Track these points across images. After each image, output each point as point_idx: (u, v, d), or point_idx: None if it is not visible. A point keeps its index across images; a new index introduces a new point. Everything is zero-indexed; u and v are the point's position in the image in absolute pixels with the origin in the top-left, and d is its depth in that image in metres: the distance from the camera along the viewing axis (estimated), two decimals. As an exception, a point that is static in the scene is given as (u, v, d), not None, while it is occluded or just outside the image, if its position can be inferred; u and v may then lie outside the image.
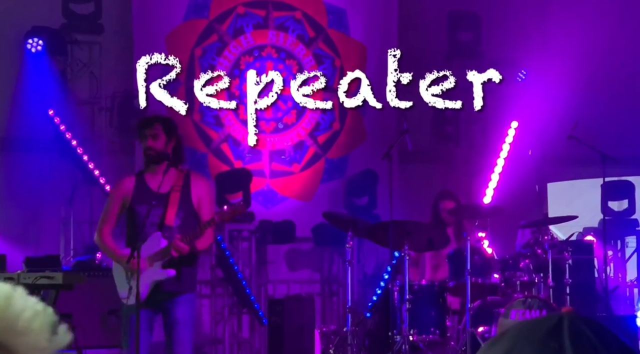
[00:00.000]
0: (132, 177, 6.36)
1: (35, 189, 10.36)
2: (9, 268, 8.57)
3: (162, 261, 6.11)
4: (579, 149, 9.80)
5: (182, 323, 6.15)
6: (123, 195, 6.28)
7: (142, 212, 6.13)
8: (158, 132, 6.23)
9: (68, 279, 6.46)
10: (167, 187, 6.19)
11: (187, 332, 6.19)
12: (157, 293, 6.12)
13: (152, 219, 6.11)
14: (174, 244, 6.05)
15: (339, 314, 11.00)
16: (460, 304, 8.25)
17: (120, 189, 6.35)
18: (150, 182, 6.23)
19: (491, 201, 10.74)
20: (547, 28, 11.22)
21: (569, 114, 10.36)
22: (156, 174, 6.23)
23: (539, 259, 8.37)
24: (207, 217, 6.24)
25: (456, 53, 11.36)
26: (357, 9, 11.29)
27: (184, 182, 6.25)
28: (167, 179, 6.19)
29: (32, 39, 10.33)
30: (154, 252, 6.10)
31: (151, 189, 6.19)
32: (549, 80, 11.13)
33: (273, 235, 10.67)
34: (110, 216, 6.32)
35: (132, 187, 6.26)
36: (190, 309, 6.25)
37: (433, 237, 8.15)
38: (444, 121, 11.46)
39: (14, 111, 10.46)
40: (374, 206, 10.91)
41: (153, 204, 6.06)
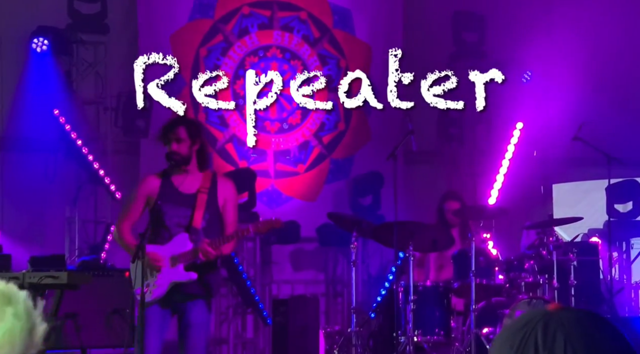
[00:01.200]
0: (157, 178, 6.30)
1: (40, 189, 10.37)
2: (14, 268, 8.58)
3: (184, 263, 6.10)
4: (584, 150, 9.80)
5: (197, 326, 6.12)
6: (147, 193, 6.24)
7: (169, 211, 6.12)
8: (182, 136, 6.19)
9: (73, 278, 6.46)
10: (194, 189, 6.19)
11: (202, 336, 6.15)
12: (176, 293, 6.10)
13: (178, 220, 6.12)
14: (203, 249, 6.04)
15: (343, 314, 11.00)
16: (464, 305, 8.24)
17: (144, 187, 6.29)
18: (177, 183, 6.22)
19: (496, 202, 10.73)
20: (552, 29, 11.21)
21: (574, 115, 10.35)
22: (182, 175, 6.23)
23: (543, 261, 8.36)
24: (231, 219, 6.26)
25: (461, 54, 11.35)
26: (362, 10, 11.29)
27: (211, 184, 6.24)
28: (194, 180, 6.20)
29: (37, 38, 10.34)
30: (178, 253, 6.09)
31: (178, 190, 6.19)
32: (554, 81, 11.12)
33: (278, 235, 10.67)
34: (133, 212, 6.28)
35: (158, 187, 6.22)
36: (207, 313, 6.22)
37: (438, 238, 8.15)
38: (449, 121, 11.45)
39: (19, 111, 10.48)
40: (379, 206, 10.91)
41: (180, 205, 6.08)
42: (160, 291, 6.04)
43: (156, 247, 6.12)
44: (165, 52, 9.76)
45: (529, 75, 11.23)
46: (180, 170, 6.24)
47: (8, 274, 6.40)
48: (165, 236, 6.11)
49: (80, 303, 7.92)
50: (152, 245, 6.11)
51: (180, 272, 6.09)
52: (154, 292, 6.06)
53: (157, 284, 6.05)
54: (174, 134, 6.19)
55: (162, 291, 6.05)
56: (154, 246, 6.11)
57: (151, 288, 6.01)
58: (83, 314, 8.08)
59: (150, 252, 6.03)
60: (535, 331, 1.69)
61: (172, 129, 6.23)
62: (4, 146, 10.51)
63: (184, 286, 6.09)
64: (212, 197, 6.21)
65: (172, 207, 6.13)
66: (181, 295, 6.10)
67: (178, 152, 6.17)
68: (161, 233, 6.13)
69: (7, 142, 10.54)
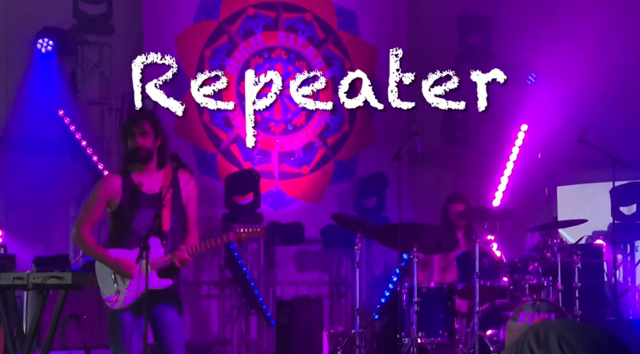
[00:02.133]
0: (117, 177, 5.97)
1: (45, 189, 10.38)
2: (19, 268, 8.59)
3: (157, 269, 5.82)
4: (589, 152, 9.78)
5: (173, 327, 5.90)
6: (109, 195, 5.91)
7: (134, 214, 5.84)
8: (147, 129, 5.89)
9: (77, 279, 6.44)
10: (157, 188, 5.90)
11: (179, 335, 5.95)
12: (148, 299, 5.71)
13: (144, 223, 5.80)
14: (181, 257, 5.81)
15: (347, 315, 10.99)
16: (468, 307, 8.24)
17: (106, 188, 5.95)
18: (138, 182, 5.92)
19: (500, 204, 10.73)
20: (557, 31, 11.21)
21: (579, 117, 10.34)
22: (143, 173, 5.93)
23: (548, 263, 8.35)
24: (194, 216, 5.99)
25: (466, 55, 11.35)
26: (367, 11, 11.29)
27: (173, 182, 5.93)
28: (155, 179, 5.92)
29: (42, 39, 10.36)
30: (152, 259, 5.72)
31: (141, 191, 5.89)
32: (559, 83, 11.11)
33: (282, 236, 10.67)
34: (94, 215, 5.96)
35: (120, 188, 5.90)
36: (178, 311, 5.97)
37: (442, 239, 8.15)
38: (454, 123, 11.45)
39: (23, 111, 10.49)
40: (383, 208, 10.91)
41: (144, 206, 5.81)
42: (131, 298, 5.76)
43: (124, 251, 5.82)
44: (170, 53, 9.76)
45: (533, 77, 11.23)
46: (139, 168, 5.93)
47: (12, 275, 6.40)
48: (133, 240, 5.78)
49: (84, 303, 7.93)
50: (119, 249, 5.84)
51: (154, 278, 5.81)
52: (125, 299, 5.79)
53: (128, 291, 5.77)
54: (139, 127, 5.88)
55: (133, 297, 5.76)
56: (121, 250, 5.83)
57: (122, 295, 5.76)
58: (87, 314, 8.09)
59: (119, 258, 5.79)
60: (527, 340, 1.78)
61: (137, 123, 5.91)
62: (8, 146, 10.52)
63: (156, 292, 5.83)
64: (176, 196, 5.92)
65: (137, 209, 5.83)
66: (153, 300, 5.79)
67: (144, 147, 5.86)
68: (128, 237, 5.84)
69: (12, 142, 10.55)
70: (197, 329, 10.68)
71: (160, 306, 5.88)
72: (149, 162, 5.91)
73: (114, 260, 5.83)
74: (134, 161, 5.92)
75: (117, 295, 5.80)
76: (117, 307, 5.80)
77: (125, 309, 5.81)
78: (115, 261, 5.81)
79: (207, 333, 10.75)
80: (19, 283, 6.22)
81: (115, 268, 5.82)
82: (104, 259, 5.87)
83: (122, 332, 5.79)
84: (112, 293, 5.83)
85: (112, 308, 5.83)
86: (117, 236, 5.92)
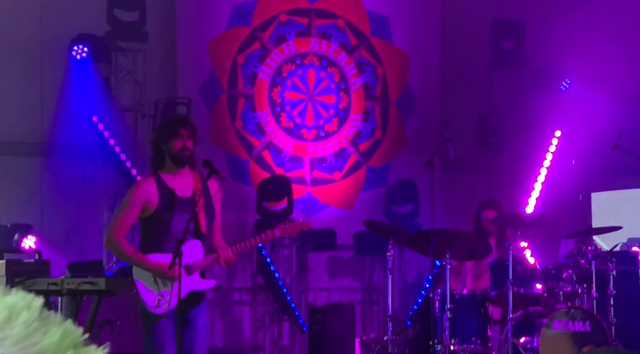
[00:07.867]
0: (151, 181, 6.01)
1: (79, 195, 10.44)
2: (53, 273, 8.64)
3: (199, 270, 5.91)
4: (623, 158, 9.69)
5: (203, 331, 5.96)
6: (145, 200, 5.95)
7: (173, 218, 5.90)
8: (192, 132, 5.99)
9: (111, 285, 6.47)
10: (189, 191, 5.95)
11: (206, 341, 6.03)
12: (190, 302, 5.88)
13: (182, 226, 5.80)
14: (226, 256, 5.88)
15: (379, 322, 10.97)
16: (501, 314, 8.19)
17: (141, 193, 5.99)
18: (172, 186, 5.96)
19: (534, 210, 10.66)
20: (591, 36, 11.12)
21: (613, 123, 10.26)
22: (175, 176, 5.98)
23: (582, 270, 8.28)
24: (219, 218, 6.05)
25: (500, 62, 11.31)
26: (399, 17, 11.27)
27: (203, 185, 5.99)
28: (187, 182, 5.97)
29: (77, 46, 10.43)
30: (193, 261, 5.86)
31: (177, 194, 5.93)
32: (593, 89, 11.03)
33: (314, 243, 10.67)
34: (128, 220, 6.00)
35: (156, 192, 5.94)
36: (208, 316, 6.07)
37: (475, 246, 8.11)
38: (487, 129, 11.40)
39: (58, 117, 10.57)
40: (416, 214, 10.88)
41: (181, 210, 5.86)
42: (176, 301, 5.80)
43: (165, 255, 5.83)
44: (203, 59, 9.80)
45: (567, 83, 11.16)
46: (171, 170, 5.99)
47: (47, 280, 6.44)
48: (172, 244, 5.80)
49: (117, 309, 7.96)
50: (159, 254, 5.86)
51: (197, 280, 5.89)
52: (171, 302, 5.82)
53: (173, 294, 5.80)
54: (187, 129, 5.96)
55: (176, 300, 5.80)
56: (162, 255, 5.85)
57: (166, 298, 5.80)
58: (120, 320, 8.12)
59: (162, 263, 5.79)
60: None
61: (185, 124, 6.00)
62: (44, 152, 10.60)
63: (199, 294, 5.93)
64: (208, 200, 5.99)
65: (175, 213, 5.88)
66: (195, 302, 5.90)
67: (190, 147, 5.94)
68: (167, 240, 5.87)
69: (47, 148, 10.64)
70: (229, 335, 10.70)
71: (200, 307, 5.94)
72: (189, 164, 5.97)
73: (156, 265, 5.84)
74: (178, 161, 5.95)
75: (162, 299, 5.82)
76: (162, 311, 5.82)
77: (164, 315, 5.83)
78: (158, 265, 5.83)
79: (239, 339, 10.77)
80: (53, 289, 6.26)
81: (158, 272, 5.84)
82: (144, 265, 5.88)
83: (158, 338, 5.82)
84: (155, 297, 5.85)
85: (156, 313, 5.84)
86: (154, 240, 5.94)
